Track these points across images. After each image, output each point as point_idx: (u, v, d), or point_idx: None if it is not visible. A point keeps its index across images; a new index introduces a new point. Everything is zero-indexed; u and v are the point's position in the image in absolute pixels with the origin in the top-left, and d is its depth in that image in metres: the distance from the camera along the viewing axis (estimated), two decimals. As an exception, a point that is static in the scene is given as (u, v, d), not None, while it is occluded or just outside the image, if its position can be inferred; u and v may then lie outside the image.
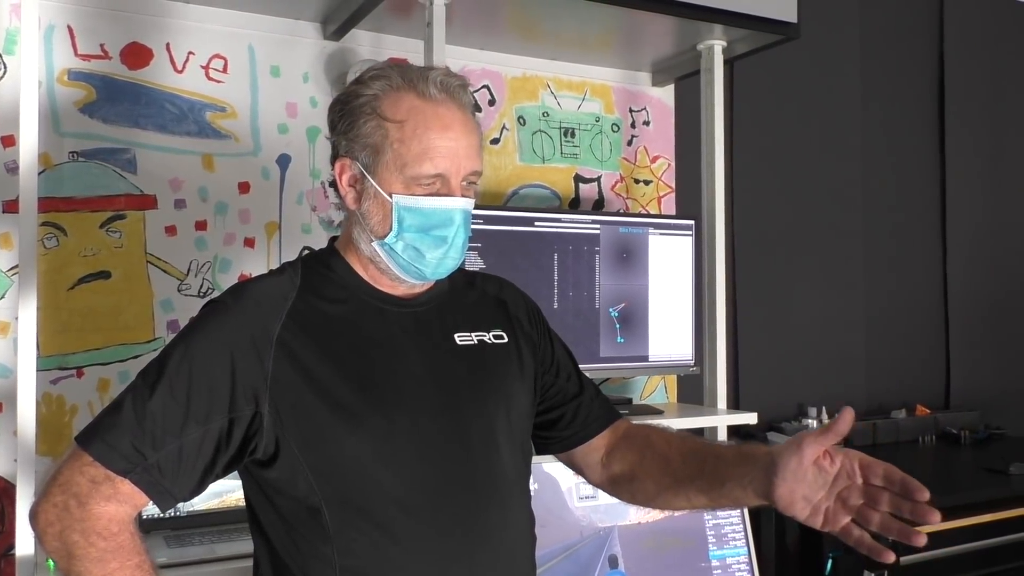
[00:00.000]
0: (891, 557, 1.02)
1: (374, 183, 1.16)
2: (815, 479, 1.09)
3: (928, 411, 3.36)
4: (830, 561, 2.29)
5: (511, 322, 1.32)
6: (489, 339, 1.27)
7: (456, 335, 1.24)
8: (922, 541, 1.01)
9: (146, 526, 1.95)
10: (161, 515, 1.95)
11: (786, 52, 2.57)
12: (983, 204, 3.69)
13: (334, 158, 1.21)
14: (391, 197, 1.15)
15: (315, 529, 1.12)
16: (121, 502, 1.06)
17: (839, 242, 3.31)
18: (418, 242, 1.15)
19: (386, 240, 1.16)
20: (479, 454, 1.19)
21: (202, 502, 1.99)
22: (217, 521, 1.98)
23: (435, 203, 1.15)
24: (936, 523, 0.98)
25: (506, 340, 1.29)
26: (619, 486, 1.35)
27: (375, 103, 1.15)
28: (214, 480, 1.13)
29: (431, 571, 1.13)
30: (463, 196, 1.17)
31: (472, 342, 1.25)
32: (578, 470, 1.41)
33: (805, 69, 3.17)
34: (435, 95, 1.15)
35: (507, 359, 1.28)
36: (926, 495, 1.00)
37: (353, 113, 1.17)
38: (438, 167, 1.14)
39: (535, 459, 1.63)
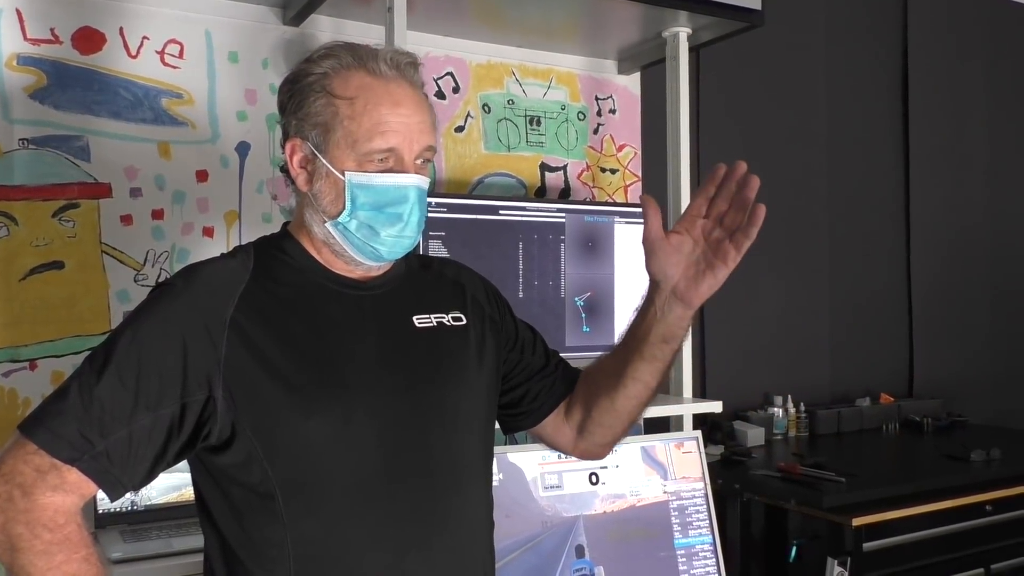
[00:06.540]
0: (763, 209, 1.20)
1: (325, 162, 1.14)
2: (684, 247, 1.21)
3: (892, 399, 3.39)
4: (794, 548, 2.31)
5: (470, 305, 1.30)
6: (448, 321, 1.26)
7: (414, 317, 1.22)
8: (761, 210, 1.21)
9: (103, 520, 1.91)
10: (118, 509, 1.92)
11: (751, 40, 2.56)
12: (946, 195, 3.73)
13: (284, 139, 1.19)
14: (343, 175, 1.13)
15: (268, 516, 1.09)
16: (68, 492, 1.03)
17: (804, 232, 3.32)
18: (372, 220, 1.13)
19: (339, 220, 1.14)
20: (436, 438, 1.17)
21: (159, 496, 1.96)
22: (174, 515, 1.94)
23: (388, 179, 1.13)
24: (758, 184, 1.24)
25: (464, 323, 1.27)
26: (587, 428, 1.33)
27: (324, 81, 1.14)
28: (165, 468, 1.10)
29: (387, 557, 1.12)
30: (417, 174, 1.15)
31: (431, 324, 1.23)
32: (551, 441, 1.39)
33: (770, 57, 3.18)
34: (385, 72, 1.14)
35: (466, 342, 1.26)
36: (755, 184, 1.24)
37: (302, 92, 1.15)
38: (390, 142, 1.12)
39: (500, 449, 1.62)
